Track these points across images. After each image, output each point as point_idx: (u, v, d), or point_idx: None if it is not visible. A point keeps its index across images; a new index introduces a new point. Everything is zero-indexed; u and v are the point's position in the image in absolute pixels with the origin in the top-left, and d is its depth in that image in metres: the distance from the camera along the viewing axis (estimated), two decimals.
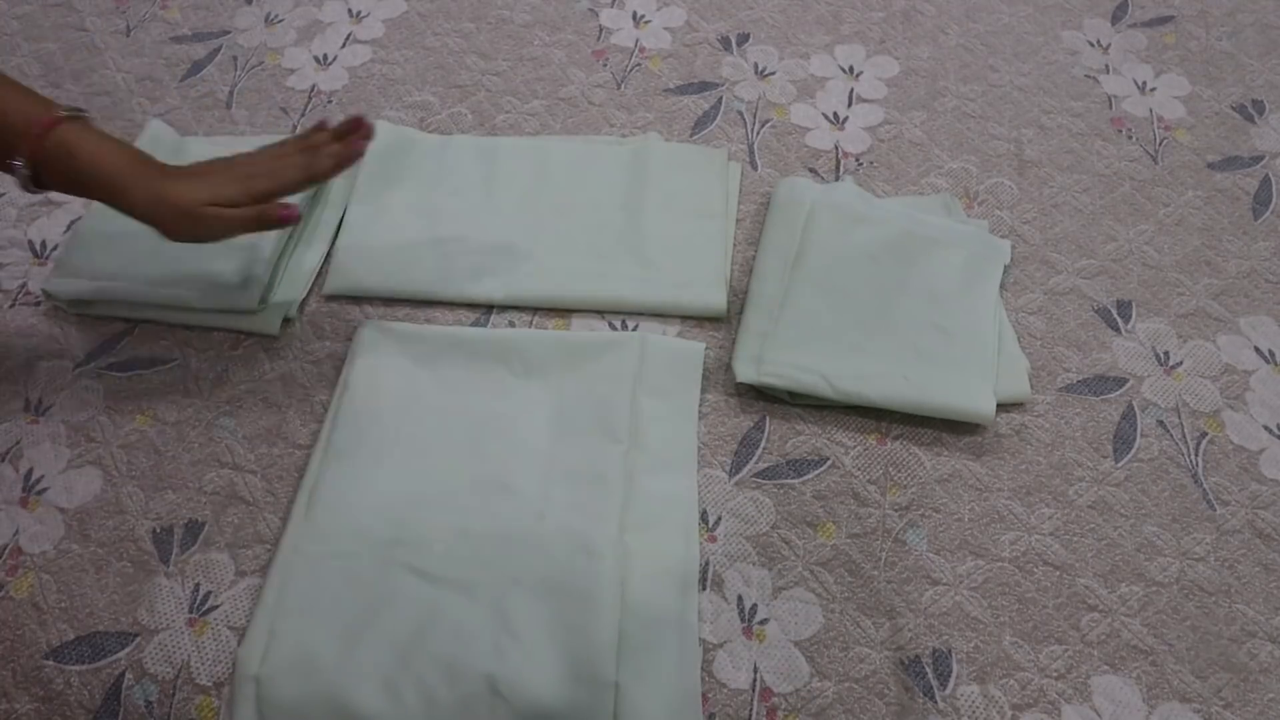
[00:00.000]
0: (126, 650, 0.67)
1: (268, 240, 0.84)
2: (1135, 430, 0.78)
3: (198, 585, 0.70)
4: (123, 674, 0.66)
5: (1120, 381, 0.81)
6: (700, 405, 0.79)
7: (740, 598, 0.70)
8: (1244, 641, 0.68)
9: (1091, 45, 1.07)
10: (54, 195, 0.92)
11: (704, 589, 0.70)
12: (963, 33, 1.08)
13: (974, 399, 0.76)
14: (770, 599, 0.70)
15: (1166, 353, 0.83)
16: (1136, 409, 0.79)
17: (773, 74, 1.04)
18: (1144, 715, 0.65)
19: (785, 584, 0.70)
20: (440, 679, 0.64)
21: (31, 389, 0.80)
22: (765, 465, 0.76)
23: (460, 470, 0.74)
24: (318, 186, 0.90)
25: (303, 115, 1.00)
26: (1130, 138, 0.98)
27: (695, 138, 0.98)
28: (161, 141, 0.94)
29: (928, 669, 0.67)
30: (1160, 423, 0.78)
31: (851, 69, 1.05)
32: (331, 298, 0.86)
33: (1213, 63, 1.05)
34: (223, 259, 0.83)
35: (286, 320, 0.83)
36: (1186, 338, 0.84)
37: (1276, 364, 0.82)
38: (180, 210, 0.67)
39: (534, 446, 0.76)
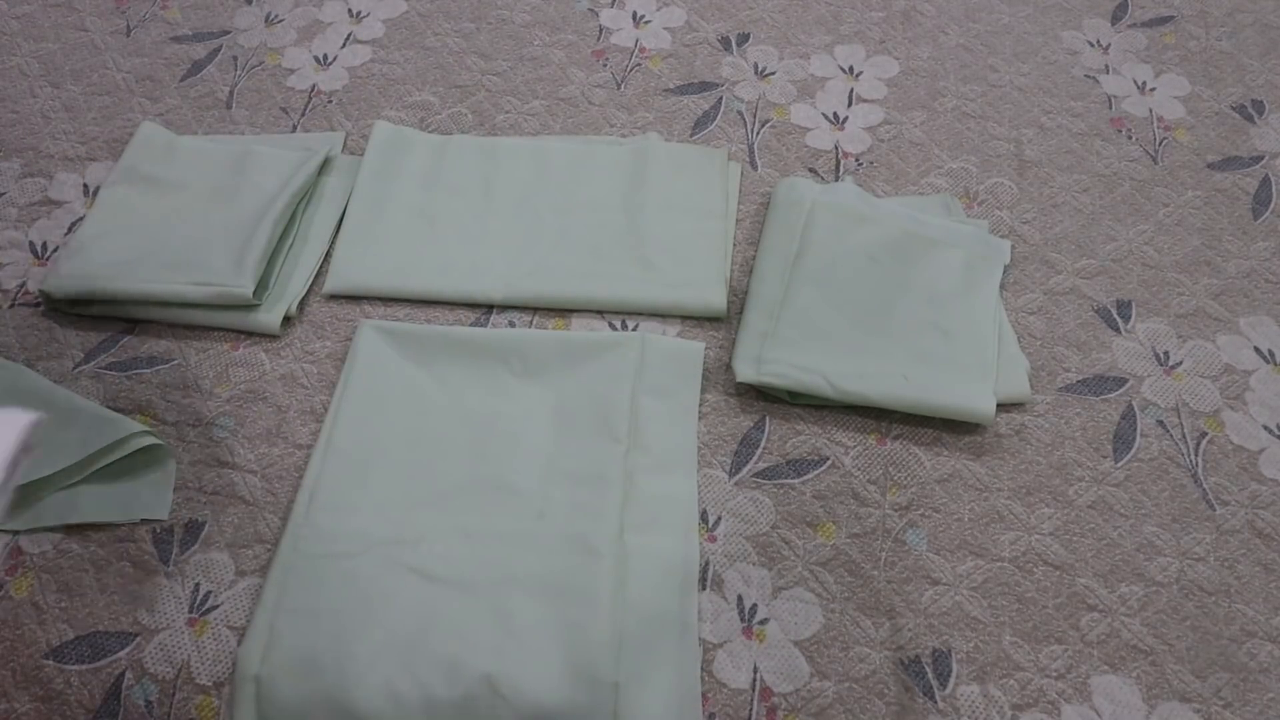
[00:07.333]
0: (126, 650, 0.67)
1: (263, 229, 0.84)
2: (1135, 430, 0.78)
3: (198, 585, 0.70)
4: (123, 674, 0.66)
5: (1120, 381, 0.81)
6: (700, 405, 0.79)
7: (740, 598, 0.70)
8: (1244, 641, 0.68)
9: (1091, 45, 1.07)
10: (53, 195, 0.93)
11: (704, 589, 0.70)
12: (963, 33, 1.08)
13: (974, 399, 0.76)
14: (770, 599, 0.70)
15: (1166, 353, 0.83)
16: (1136, 409, 0.79)
17: (773, 74, 1.04)
18: (1144, 715, 0.65)
19: (785, 584, 0.70)
20: (440, 679, 0.64)
21: None
22: (765, 465, 0.76)
23: (460, 470, 0.74)
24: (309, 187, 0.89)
25: (303, 115, 1.00)
26: (1130, 138, 0.98)
27: (695, 138, 0.98)
28: (153, 143, 0.94)
29: (928, 669, 0.67)
30: (1160, 423, 0.78)
31: (851, 69, 1.04)
32: (331, 298, 0.86)
33: (1213, 63, 1.05)
34: (216, 248, 0.83)
35: (286, 320, 0.83)
36: (1186, 338, 0.83)
37: (1276, 364, 0.82)
38: None
39: (534, 446, 0.75)
